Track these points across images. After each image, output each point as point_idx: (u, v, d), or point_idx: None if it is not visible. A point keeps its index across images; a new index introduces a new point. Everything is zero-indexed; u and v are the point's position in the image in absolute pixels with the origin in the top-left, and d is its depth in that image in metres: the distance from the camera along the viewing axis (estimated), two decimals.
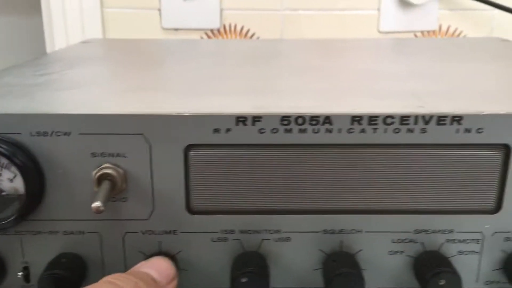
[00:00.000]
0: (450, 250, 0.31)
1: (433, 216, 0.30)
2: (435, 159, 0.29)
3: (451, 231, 0.31)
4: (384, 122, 0.28)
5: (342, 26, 0.82)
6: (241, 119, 0.28)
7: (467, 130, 0.29)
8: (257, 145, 0.29)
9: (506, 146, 0.29)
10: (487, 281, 0.32)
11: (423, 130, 0.29)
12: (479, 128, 0.29)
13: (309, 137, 0.29)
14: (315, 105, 0.30)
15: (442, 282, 0.29)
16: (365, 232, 0.31)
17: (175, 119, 0.28)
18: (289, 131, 0.29)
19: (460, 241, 0.31)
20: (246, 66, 0.45)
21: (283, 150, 0.29)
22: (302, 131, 0.29)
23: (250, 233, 0.30)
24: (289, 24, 0.82)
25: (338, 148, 0.29)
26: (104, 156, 0.29)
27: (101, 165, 0.28)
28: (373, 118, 0.28)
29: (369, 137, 0.29)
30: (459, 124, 0.29)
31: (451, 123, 0.29)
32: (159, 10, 0.80)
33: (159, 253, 0.30)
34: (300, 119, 0.28)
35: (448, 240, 0.31)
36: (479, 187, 0.30)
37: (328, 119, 0.28)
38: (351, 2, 0.81)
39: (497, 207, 0.30)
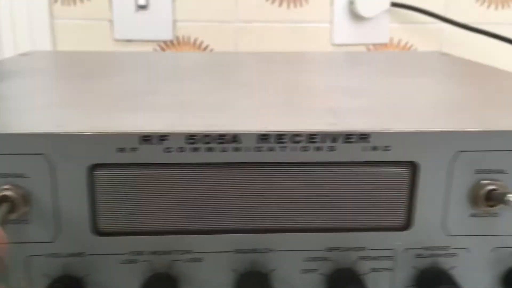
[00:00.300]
0: (363, 267, 0.31)
1: (345, 234, 0.30)
2: (344, 177, 0.29)
3: (363, 249, 0.31)
4: (292, 140, 0.28)
5: (296, 39, 0.82)
6: (145, 138, 0.28)
7: (374, 148, 0.29)
8: (163, 164, 0.28)
9: (413, 163, 0.29)
10: None
11: (331, 148, 0.29)
12: (387, 146, 0.29)
13: (216, 156, 0.28)
14: (225, 123, 0.29)
15: None
16: (277, 251, 0.30)
17: (77, 138, 0.27)
18: (196, 150, 0.28)
19: (372, 258, 0.31)
20: (178, 81, 0.44)
21: (191, 169, 0.28)
22: (210, 149, 0.28)
23: (160, 254, 0.30)
24: (243, 36, 0.82)
25: (247, 166, 0.29)
26: (3, 177, 0.28)
27: (0, 187, 0.28)
28: (280, 136, 0.28)
29: (278, 156, 0.29)
30: (367, 142, 0.29)
31: (359, 141, 0.29)
32: (111, 21, 0.80)
33: (65, 276, 0.29)
34: (207, 137, 0.28)
35: (360, 258, 0.31)
36: (389, 204, 0.30)
37: (235, 137, 0.28)
38: (304, 15, 0.82)
39: (407, 224, 0.30)
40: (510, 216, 0.30)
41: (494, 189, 0.29)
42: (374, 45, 0.83)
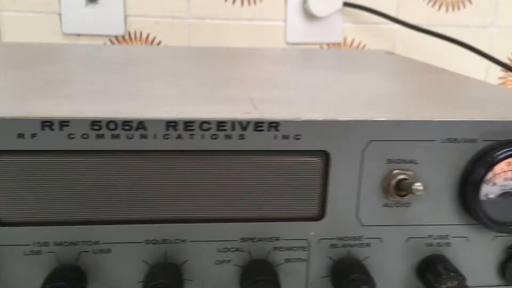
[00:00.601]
0: (278, 258, 0.31)
1: (259, 224, 0.30)
2: (255, 166, 0.29)
3: (277, 239, 0.30)
4: (201, 128, 0.28)
5: (250, 37, 0.82)
6: (47, 124, 0.27)
7: (285, 137, 0.29)
8: (66, 151, 0.27)
9: (325, 152, 0.29)
10: None
11: (242, 137, 0.28)
12: (297, 135, 0.29)
13: (122, 143, 0.28)
14: (133, 111, 0.29)
15: None
16: (190, 241, 0.30)
17: None
18: (100, 136, 0.27)
19: (286, 248, 0.31)
20: (102, 71, 0.43)
21: (96, 156, 0.28)
22: (115, 136, 0.27)
23: (66, 245, 0.29)
24: (196, 32, 0.81)
25: (155, 154, 0.28)
26: None
27: None
28: (189, 124, 0.28)
29: (187, 144, 0.28)
30: (277, 130, 0.28)
31: (269, 130, 0.28)
32: (60, 14, 0.78)
33: None
34: (111, 124, 0.27)
35: (275, 248, 0.30)
36: (302, 194, 0.30)
37: (141, 124, 0.27)
38: (258, 13, 0.81)
39: (321, 214, 0.30)
40: (422, 206, 0.31)
41: (404, 179, 0.29)
42: (328, 44, 0.84)
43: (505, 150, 0.29)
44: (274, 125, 0.28)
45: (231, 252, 0.30)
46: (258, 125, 0.28)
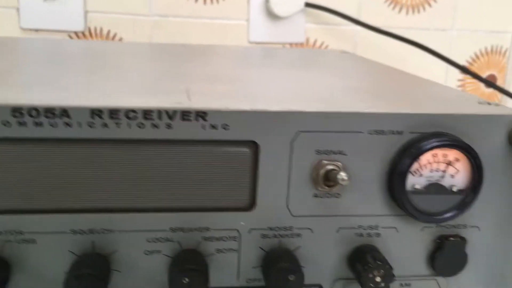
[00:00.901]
0: (208, 248, 0.31)
1: (188, 214, 0.30)
2: (183, 155, 0.29)
3: (207, 229, 0.30)
4: (127, 116, 0.28)
5: (212, 35, 0.82)
6: None
7: (213, 127, 0.29)
8: None
9: (254, 143, 0.29)
10: (248, 279, 0.31)
11: (169, 126, 0.28)
12: (225, 125, 0.29)
13: (45, 131, 0.27)
14: (58, 98, 0.28)
15: (185, 281, 0.28)
16: (118, 231, 0.29)
17: None
18: (23, 124, 0.27)
19: (217, 239, 0.31)
20: (54, 64, 0.42)
21: (18, 145, 0.27)
22: (38, 124, 0.27)
23: None
24: (158, 30, 0.81)
25: (80, 143, 0.28)
26: None
27: None
28: (114, 112, 0.28)
29: (113, 132, 0.28)
30: (204, 120, 0.28)
31: (196, 119, 0.28)
32: (18, 9, 0.76)
33: None
34: (34, 111, 0.27)
35: (205, 238, 0.30)
36: (231, 184, 0.30)
37: (65, 112, 0.27)
38: (220, 12, 0.81)
39: (251, 204, 0.30)
40: (352, 197, 0.31)
41: (332, 169, 0.30)
42: (291, 44, 0.84)
43: (430, 141, 0.30)
44: (201, 114, 0.28)
45: (161, 243, 0.30)
46: (185, 114, 0.28)
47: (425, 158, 0.30)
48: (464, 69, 0.85)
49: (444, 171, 0.30)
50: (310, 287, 0.32)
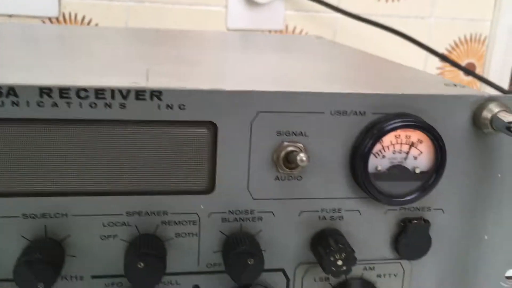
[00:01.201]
0: (167, 232, 0.30)
1: (145, 197, 0.29)
2: (139, 136, 0.28)
3: (165, 213, 0.30)
4: (78, 96, 0.27)
5: (190, 22, 0.80)
6: None
7: (169, 107, 0.28)
8: None
9: (212, 123, 0.28)
10: (209, 264, 0.31)
11: (122, 105, 0.27)
12: (182, 105, 0.28)
13: None
14: (7, 77, 0.27)
15: (141, 265, 0.27)
16: (72, 215, 0.29)
17: None
18: None
19: (176, 223, 0.30)
20: (14, 48, 0.41)
21: None
22: None
23: None
24: (135, 16, 0.79)
25: (29, 123, 0.27)
26: None
27: None
28: (64, 91, 0.26)
29: (63, 112, 0.27)
30: (160, 99, 0.27)
31: (151, 99, 0.27)
32: None
33: None
34: None
35: (163, 222, 0.30)
36: (190, 166, 0.29)
37: (12, 90, 0.26)
38: None
39: (211, 187, 0.30)
40: (314, 180, 0.30)
41: (293, 151, 0.29)
42: (270, 31, 0.83)
43: (392, 122, 0.29)
44: (156, 94, 0.27)
45: (117, 227, 0.29)
46: (139, 93, 0.27)
47: (388, 139, 0.29)
48: (442, 57, 0.85)
49: (407, 153, 0.30)
50: (273, 271, 0.32)
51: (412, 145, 0.30)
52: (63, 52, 0.39)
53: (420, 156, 0.30)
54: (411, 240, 0.32)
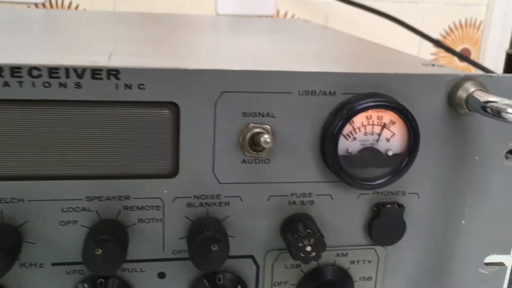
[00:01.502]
0: (129, 218, 0.29)
1: (106, 182, 0.28)
2: (97, 117, 0.27)
3: (127, 198, 0.28)
4: (30, 75, 0.25)
5: (179, 6, 0.79)
6: None
7: (128, 86, 0.26)
8: None
9: (174, 104, 0.27)
10: (175, 251, 0.30)
11: (78, 85, 0.26)
12: (141, 84, 0.27)
13: None
14: None
15: (98, 252, 0.26)
16: (28, 201, 0.27)
17: None
18: None
19: (138, 208, 0.29)
20: None
21: None
22: None
23: None
24: (122, 2, 0.77)
25: None
26: None
27: None
28: (16, 70, 0.25)
29: (16, 92, 0.25)
30: (117, 79, 0.26)
31: (108, 78, 0.26)
32: None
33: None
34: None
35: (125, 208, 0.29)
36: (152, 149, 0.28)
37: None
38: None
39: (174, 171, 0.28)
40: (283, 163, 0.29)
41: (259, 133, 0.28)
42: (260, 16, 0.82)
43: (363, 102, 0.28)
44: (113, 73, 0.26)
45: (77, 212, 0.28)
46: (95, 72, 0.26)
47: (359, 120, 0.28)
48: (436, 42, 0.83)
49: (379, 135, 0.29)
50: (242, 258, 0.31)
51: (384, 126, 0.29)
52: (29, 32, 0.38)
53: (392, 138, 0.29)
54: (384, 225, 0.30)
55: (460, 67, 0.89)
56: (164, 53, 0.32)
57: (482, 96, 0.27)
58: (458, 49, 0.89)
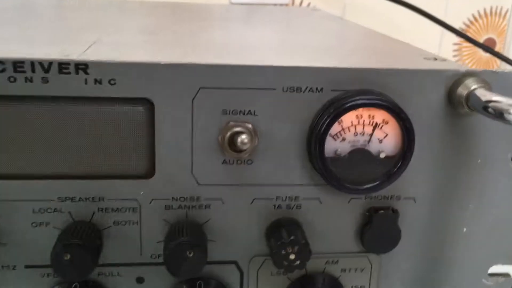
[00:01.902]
0: (105, 220, 0.27)
1: (78, 182, 0.27)
2: (67, 115, 0.25)
3: (102, 199, 0.27)
4: None
5: None
6: None
7: (98, 81, 0.25)
8: None
9: (148, 101, 0.26)
10: (153, 255, 0.28)
11: (44, 80, 0.25)
12: (112, 79, 0.25)
13: None
14: None
15: (67, 257, 0.25)
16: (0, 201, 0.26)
17: None
18: None
19: (114, 210, 0.27)
20: None
21: None
22: None
23: None
24: None
25: None
26: None
27: None
28: None
29: None
30: (86, 73, 0.25)
31: (77, 72, 0.25)
32: None
33: None
34: None
35: (100, 209, 0.27)
36: (126, 148, 0.26)
37: None
38: None
39: (151, 172, 0.27)
40: (267, 164, 0.27)
41: (240, 132, 0.26)
42: (275, 5, 0.79)
43: (352, 99, 0.25)
44: (82, 67, 0.25)
45: (48, 213, 0.27)
46: (63, 66, 0.24)
47: (348, 119, 0.26)
48: (457, 32, 0.79)
49: (370, 135, 0.26)
50: (225, 264, 0.29)
51: (376, 126, 0.26)
52: (19, 21, 0.37)
53: (385, 139, 0.26)
54: (378, 231, 0.28)
55: (484, 59, 0.84)
56: (153, 44, 0.31)
57: (485, 95, 0.24)
58: (482, 39, 0.84)
